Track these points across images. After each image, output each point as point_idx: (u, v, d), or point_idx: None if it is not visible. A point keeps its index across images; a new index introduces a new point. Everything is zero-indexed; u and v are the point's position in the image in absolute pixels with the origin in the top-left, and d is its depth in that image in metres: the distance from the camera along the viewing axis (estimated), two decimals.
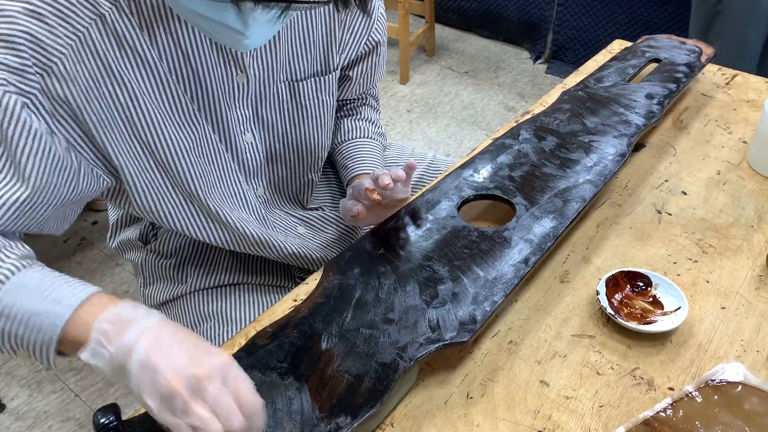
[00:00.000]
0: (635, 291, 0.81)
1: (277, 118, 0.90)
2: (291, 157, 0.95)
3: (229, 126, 0.85)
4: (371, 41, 0.97)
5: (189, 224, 0.87)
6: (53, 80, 0.69)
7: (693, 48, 1.26)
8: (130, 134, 0.77)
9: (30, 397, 1.62)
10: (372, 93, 1.11)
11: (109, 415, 0.58)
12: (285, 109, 0.90)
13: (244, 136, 0.88)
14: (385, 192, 0.84)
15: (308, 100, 0.91)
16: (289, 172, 0.96)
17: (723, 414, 0.66)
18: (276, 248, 0.94)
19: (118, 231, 1.07)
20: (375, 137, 1.06)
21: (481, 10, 3.17)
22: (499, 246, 0.82)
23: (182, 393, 0.55)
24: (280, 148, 0.93)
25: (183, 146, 0.81)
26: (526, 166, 0.96)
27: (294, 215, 1.01)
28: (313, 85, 0.91)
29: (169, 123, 0.79)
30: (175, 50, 0.77)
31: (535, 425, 0.67)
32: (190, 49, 0.77)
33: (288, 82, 0.89)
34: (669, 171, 1.04)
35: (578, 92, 1.15)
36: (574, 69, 1.34)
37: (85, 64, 0.71)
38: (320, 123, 0.94)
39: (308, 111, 0.92)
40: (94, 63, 0.72)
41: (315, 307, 0.74)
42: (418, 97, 2.82)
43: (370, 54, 0.99)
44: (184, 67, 0.78)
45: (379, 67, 1.03)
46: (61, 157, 0.72)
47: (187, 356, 0.58)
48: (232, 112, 0.85)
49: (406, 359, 0.67)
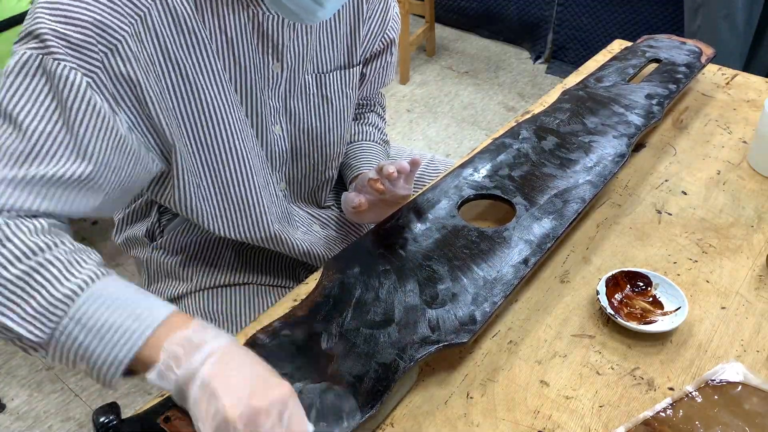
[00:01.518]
0: (635, 291, 0.81)
1: (304, 110, 0.90)
2: (313, 153, 0.95)
3: (262, 116, 0.86)
4: (386, 38, 0.97)
5: (218, 217, 0.87)
6: (117, 59, 0.68)
7: (693, 48, 1.26)
8: (184, 114, 0.77)
9: (30, 397, 1.62)
10: (379, 101, 1.12)
11: (109, 415, 0.58)
12: (312, 102, 0.90)
13: (273, 127, 0.88)
14: (388, 185, 0.84)
15: (333, 93, 0.92)
16: (309, 168, 0.97)
17: (723, 414, 0.66)
18: (290, 245, 0.94)
19: (125, 227, 1.07)
20: (380, 143, 1.07)
21: (481, 10, 3.17)
22: (499, 246, 0.82)
23: (237, 424, 0.54)
24: (303, 141, 0.93)
25: (227, 130, 0.81)
26: (526, 166, 0.96)
27: (309, 212, 1.02)
28: (338, 78, 0.92)
29: (217, 106, 0.79)
30: (221, 36, 0.77)
31: (535, 425, 0.67)
32: (234, 36, 0.78)
33: (315, 74, 0.89)
34: (669, 171, 1.04)
35: (578, 92, 1.15)
36: (574, 69, 1.34)
37: (146, 44, 0.71)
38: (343, 117, 0.95)
39: (332, 105, 0.92)
40: (153, 43, 0.71)
41: (315, 307, 0.74)
42: (418, 97, 2.82)
43: (384, 52, 1.00)
44: (228, 54, 0.78)
45: (391, 66, 1.04)
46: (123, 137, 0.71)
47: (248, 386, 0.56)
48: (266, 102, 0.86)
49: (406, 359, 0.67)
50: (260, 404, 0.55)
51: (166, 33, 0.72)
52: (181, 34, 0.73)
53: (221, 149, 0.82)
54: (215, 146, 0.81)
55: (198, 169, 0.82)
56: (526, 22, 3.03)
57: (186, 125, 0.78)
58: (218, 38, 0.77)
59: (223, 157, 0.82)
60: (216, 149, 0.82)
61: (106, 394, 1.62)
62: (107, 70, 0.68)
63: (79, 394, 1.62)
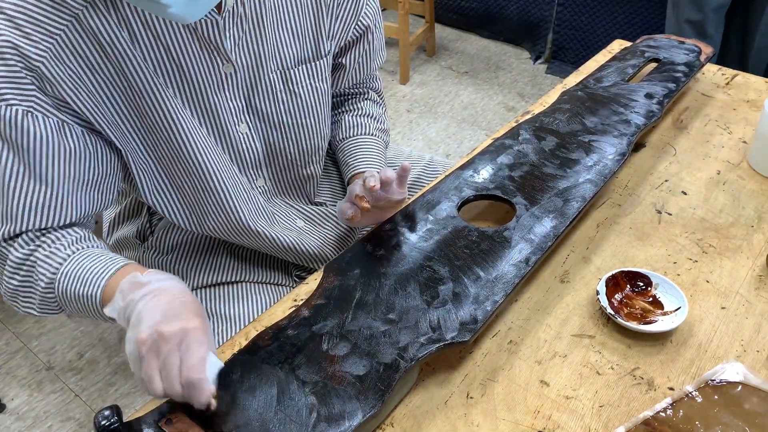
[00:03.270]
0: (635, 291, 0.81)
1: (271, 107, 0.90)
2: (289, 148, 0.95)
3: (221, 117, 0.86)
4: (360, 26, 0.96)
5: (183, 214, 0.90)
6: (42, 82, 0.72)
7: (692, 47, 1.26)
8: (126, 123, 0.80)
9: (30, 397, 1.62)
10: (373, 86, 1.11)
11: (111, 417, 0.59)
12: (279, 98, 0.90)
13: (238, 127, 0.88)
14: (380, 193, 0.84)
15: (301, 87, 0.91)
16: (289, 164, 0.97)
17: (723, 414, 0.66)
18: (269, 240, 0.94)
19: (115, 228, 1.08)
20: (376, 133, 1.06)
21: (481, 10, 3.17)
22: (499, 246, 0.82)
23: (142, 346, 0.62)
24: (276, 137, 0.93)
25: (173, 134, 0.82)
26: (526, 166, 0.96)
27: (296, 208, 1.02)
28: (304, 72, 0.91)
29: (158, 113, 0.80)
30: (155, 44, 0.78)
31: (535, 425, 0.67)
32: (170, 42, 0.78)
33: (279, 70, 0.89)
34: (669, 171, 1.04)
35: (578, 92, 1.15)
36: (574, 69, 1.34)
37: (68, 64, 0.74)
38: (315, 111, 0.94)
39: (302, 99, 0.92)
40: (76, 62, 0.74)
41: (316, 308, 0.75)
42: (418, 97, 2.82)
43: (361, 40, 0.99)
44: (167, 61, 0.79)
45: (374, 53, 1.02)
46: (73, 149, 0.76)
47: (162, 315, 0.64)
48: (223, 103, 0.85)
49: (407, 359, 0.68)
50: (163, 330, 0.62)
51: (87, 51, 0.74)
52: (103, 51, 0.75)
53: (170, 152, 0.84)
54: (164, 150, 0.83)
55: (152, 170, 0.85)
56: (526, 22, 3.03)
57: (131, 132, 0.81)
58: (153, 48, 0.78)
59: (174, 159, 0.84)
60: (165, 153, 0.84)
61: (106, 394, 1.62)
62: (42, 90, 0.73)
63: (79, 394, 1.62)
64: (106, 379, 1.66)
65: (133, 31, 0.76)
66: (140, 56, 0.77)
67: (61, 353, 1.73)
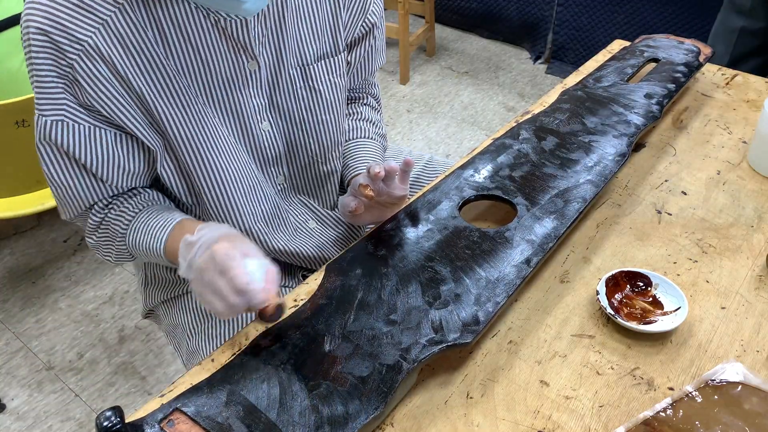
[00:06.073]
0: (635, 291, 0.81)
1: (292, 104, 0.91)
2: (310, 144, 0.95)
3: (245, 115, 0.87)
4: (368, 23, 0.97)
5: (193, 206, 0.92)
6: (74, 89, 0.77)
7: (691, 47, 1.26)
8: (149, 130, 0.83)
9: (30, 397, 1.62)
10: (372, 92, 1.11)
11: (113, 418, 0.59)
12: (299, 95, 0.91)
13: (261, 124, 0.89)
14: (381, 187, 0.84)
15: (320, 83, 0.92)
16: (310, 160, 0.97)
17: (723, 414, 0.66)
18: (261, 243, 0.95)
19: None
20: (376, 138, 1.06)
21: (481, 10, 3.17)
22: (500, 246, 0.82)
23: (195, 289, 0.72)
24: (297, 134, 0.94)
25: (195, 140, 0.84)
26: (526, 166, 0.96)
27: (311, 208, 1.02)
28: (323, 68, 0.92)
29: (179, 119, 0.82)
30: (184, 44, 0.79)
31: (535, 425, 0.67)
32: (198, 42, 0.80)
33: (300, 67, 0.90)
34: (669, 171, 1.04)
35: (578, 92, 1.15)
36: (574, 69, 1.34)
37: (96, 74, 0.76)
38: (334, 106, 0.95)
39: (321, 95, 0.93)
40: (105, 69, 0.76)
41: (317, 309, 0.75)
42: (418, 97, 2.82)
43: (367, 36, 0.99)
44: (195, 60, 0.80)
45: (376, 53, 1.03)
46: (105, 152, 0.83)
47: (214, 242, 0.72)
48: (248, 101, 0.87)
49: (410, 361, 0.68)
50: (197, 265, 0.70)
51: (115, 57, 0.77)
52: (131, 55, 0.78)
53: (190, 158, 0.85)
54: (183, 156, 0.85)
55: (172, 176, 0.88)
56: (525, 22, 3.03)
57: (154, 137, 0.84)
58: (180, 48, 0.79)
59: (193, 167, 0.86)
60: (185, 159, 0.85)
61: (106, 394, 1.62)
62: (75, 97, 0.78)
63: (79, 394, 1.62)
64: (106, 379, 1.66)
65: (162, 32, 0.78)
66: (164, 56, 0.79)
67: (61, 353, 1.73)
